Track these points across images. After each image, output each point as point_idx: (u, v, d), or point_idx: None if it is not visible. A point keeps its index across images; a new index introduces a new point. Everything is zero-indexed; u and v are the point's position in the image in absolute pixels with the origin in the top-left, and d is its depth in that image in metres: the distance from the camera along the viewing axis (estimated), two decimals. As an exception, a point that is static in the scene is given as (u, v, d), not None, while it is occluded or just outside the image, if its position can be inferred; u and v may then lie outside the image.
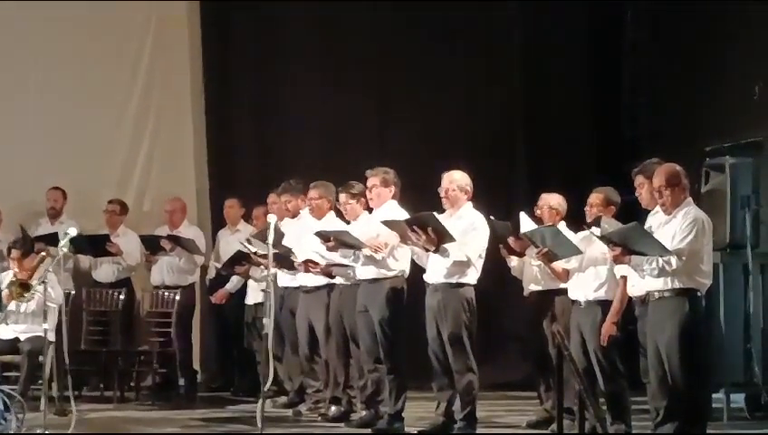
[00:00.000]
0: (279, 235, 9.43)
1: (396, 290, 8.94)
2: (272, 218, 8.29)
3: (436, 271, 8.62)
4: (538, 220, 9.06)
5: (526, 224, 8.91)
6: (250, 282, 10.98)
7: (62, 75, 12.04)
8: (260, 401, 7.95)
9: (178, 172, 12.42)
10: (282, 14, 12.39)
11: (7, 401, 8.82)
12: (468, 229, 8.55)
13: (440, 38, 12.37)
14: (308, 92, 12.30)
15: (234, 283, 11.41)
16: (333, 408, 9.62)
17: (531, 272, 9.15)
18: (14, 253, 9.84)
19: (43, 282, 8.36)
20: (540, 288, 9.11)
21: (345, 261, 9.17)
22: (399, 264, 8.97)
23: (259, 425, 7.76)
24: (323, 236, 9.10)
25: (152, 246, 11.41)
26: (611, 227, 7.73)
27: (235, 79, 12.51)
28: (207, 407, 10.69)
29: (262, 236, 9.35)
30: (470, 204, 8.71)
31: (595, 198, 8.54)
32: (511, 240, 8.95)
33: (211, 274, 11.82)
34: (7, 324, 9.81)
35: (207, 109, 12.46)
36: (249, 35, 12.51)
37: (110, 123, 12.28)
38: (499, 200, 10.17)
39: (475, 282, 8.61)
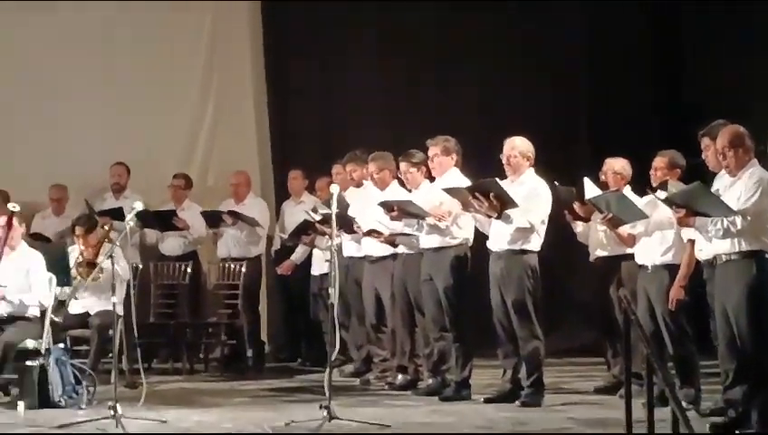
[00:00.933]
0: (343, 204, 9.46)
1: (460, 258, 8.93)
2: (335, 188, 8.31)
3: (499, 238, 8.60)
4: (603, 185, 9.01)
5: (591, 189, 8.86)
6: (315, 252, 11.02)
7: (125, 53, 12.15)
8: (327, 370, 7.98)
9: (242, 145, 12.49)
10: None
11: (78, 374, 8.96)
12: (531, 195, 8.51)
13: (498, 6, 12.27)
14: (369, 63, 12.29)
15: (299, 254, 11.46)
16: (400, 376, 9.64)
17: (597, 237, 9.11)
18: (78, 229, 9.94)
19: (110, 256, 8.43)
20: (606, 254, 9.07)
21: (408, 230, 9.17)
22: (463, 232, 8.96)
23: (327, 394, 7.80)
24: (387, 206, 9.10)
25: (214, 221, 11.49)
26: (678, 190, 7.65)
27: (295, 49, 12.51)
28: (275, 377, 10.75)
29: (327, 205, 9.38)
30: (532, 170, 8.67)
31: (660, 161, 8.47)
32: (576, 206, 8.90)
33: (276, 245, 11.88)
34: (77, 299, 9.93)
35: (269, 81, 12.50)
36: (307, 8, 12.49)
37: (173, 97, 12.38)
38: (563, 166, 10.09)
39: (539, 248, 8.58)
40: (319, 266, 10.92)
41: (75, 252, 9.86)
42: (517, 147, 8.65)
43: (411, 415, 8.28)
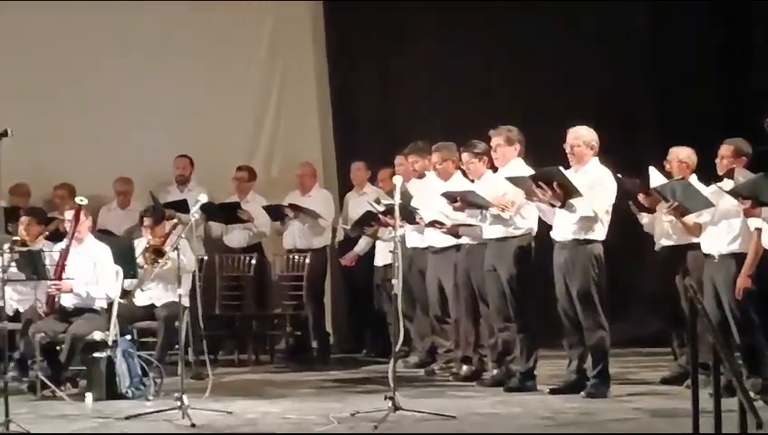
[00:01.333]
0: (406, 195, 9.46)
1: (523, 248, 8.89)
2: (398, 179, 8.29)
3: (563, 227, 8.55)
4: (668, 175, 8.93)
5: (656, 178, 8.79)
6: (378, 243, 11.04)
7: (189, 47, 12.22)
8: (391, 361, 7.98)
9: (305, 136, 12.52)
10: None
11: (145, 366, 9.05)
12: (595, 184, 8.45)
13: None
14: (430, 54, 12.25)
15: (362, 245, 11.47)
16: (465, 367, 9.63)
17: (662, 227, 9.03)
18: (147, 220, 10.05)
19: (176, 248, 8.50)
20: (672, 243, 8.99)
21: (471, 221, 9.15)
22: (526, 221, 8.92)
23: (391, 385, 7.80)
24: (450, 197, 9.09)
25: (277, 214, 11.54)
26: (745, 178, 7.56)
27: (358, 42, 12.52)
28: (340, 368, 10.79)
29: (389, 196, 9.39)
30: (596, 159, 8.60)
31: (725, 149, 8.38)
32: (641, 196, 8.83)
33: (340, 236, 11.90)
34: (143, 291, 10.02)
35: (332, 73, 12.52)
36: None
37: (236, 90, 12.43)
38: (627, 156, 10.02)
39: (603, 238, 8.52)
40: (382, 257, 10.94)
41: (142, 244, 9.96)
42: (581, 136, 8.59)
43: (476, 406, 8.26)
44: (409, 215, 9.51)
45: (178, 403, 7.84)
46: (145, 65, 12.14)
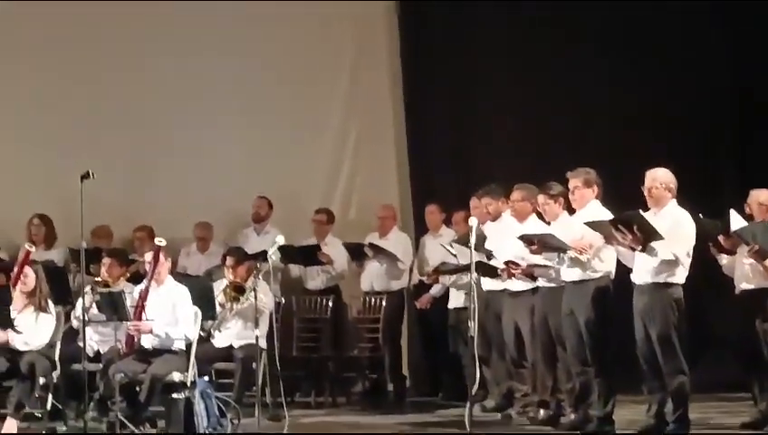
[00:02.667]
0: (481, 238, 9.44)
1: (602, 291, 8.82)
2: (473, 222, 8.30)
3: (643, 271, 8.46)
4: (748, 218, 8.82)
5: (737, 221, 8.69)
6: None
7: (268, 91, 12.33)
8: (468, 405, 7.94)
9: (382, 179, 12.57)
10: (475, 20, 12.37)
11: (223, 407, 9.10)
12: (674, 227, 8.37)
13: (640, 31, 12.12)
14: (505, 97, 12.24)
15: (438, 288, 11.44)
16: (542, 411, 9.55)
17: (742, 270, 8.92)
18: (230, 260, 10.15)
19: (254, 289, 8.56)
20: (752, 286, 8.88)
21: (547, 263, 9.11)
22: (605, 264, 8.85)
23: (468, 429, 7.76)
24: (527, 240, 9.06)
25: (357, 254, 11.58)
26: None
27: (434, 86, 12.57)
28: (417, 412, 10.77)
29: (463, 240, 9.37)
30: (674, 201, 8.53)
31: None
32: (721, 238, 8.74)
33: (415, 279, 11.90)
34: (220, 332, 10.10)
35: (408, 116, 12.57)
36: (444, 42, 12.54)
37: (314, 133, 12.53)
38: (707, 198, 9.92)
39: (684, 281, 8.43)
40: (455, 300, 10.90)
41: (221, 286, 10.05)
42: (659, 178, 8.53)
43: (553, 450, 8.21)
44: (487, 267, 9.47)
45: (256, 445, 7.88)
46: (224, 109, 12.29)
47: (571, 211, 9.12)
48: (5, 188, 12.10)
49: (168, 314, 9.41)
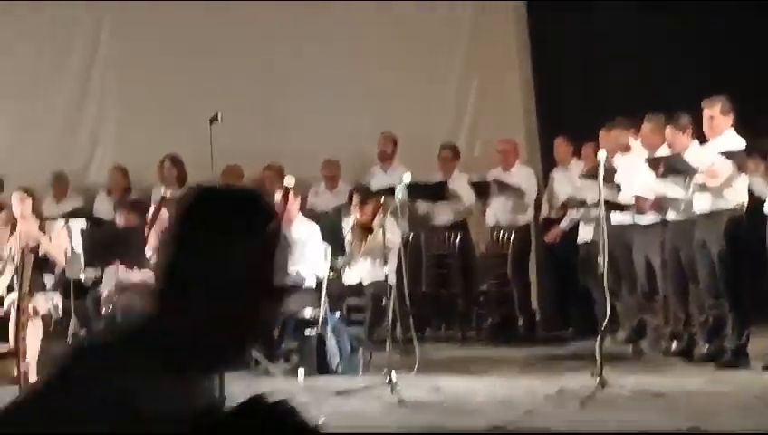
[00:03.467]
0: (610, 171, 9.34)
1: (735, 222, 8.67)
2: (602, 154, 8.20)
3: (777, 201, 8.30)
4: None
5: None
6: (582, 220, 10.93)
7: (392, 28, 12.32)
8: (598, 338, 7.91)
9: (508, 113, 12.46)
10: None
11: (354, 342, 9.21)
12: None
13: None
14: (632, 22, 11.99)
15: (567, 221, 11.38)
16: (674, 343, 9.47)
17: None
18: (356, 198, 10.22)
19: (382, 227, 8.61)
20: None
21: (677, 195, 8.97)
22: (738, 194, 8.69)
23: (598, 362, 7.74)
24: (654, 164, 8.93)
25: (481, 190, 11.56)
26: None
27: (560, 12, 12.37)
28: (546, 345, 10.75)
29: (592, 173, 9.28)
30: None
31: None
32: None
33: (543, 213, 11.83)
34: (350, 269, 10.20)
35: (533, 47, 12.43)
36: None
37: (439, 68, 12.49)
38: None
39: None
40: (585, 234, 10.82)
41: (350, 224, 10.13)
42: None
43: (686, 383, 8.12)
44: (613, 203, 9.36)
45: (387, 380, 7.96)
46: (349, 48, 12.33)
47: (702, 141, 8.95)
48: (137, 131, 12.38)
49: (299, 252, 9.55)
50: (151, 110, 12.34)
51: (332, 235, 9.90)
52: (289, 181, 9.63)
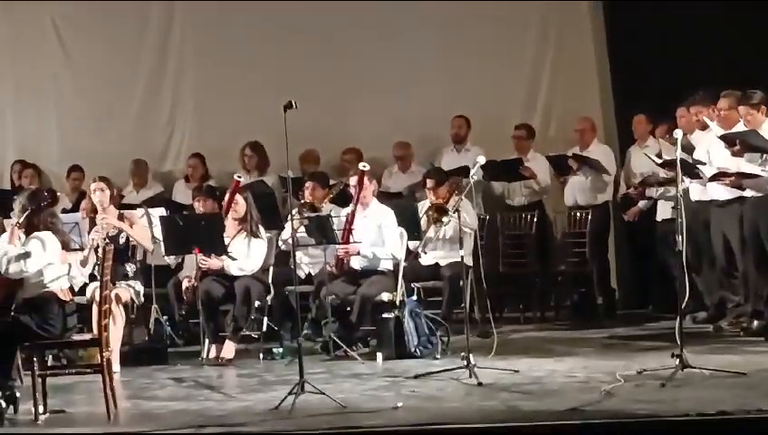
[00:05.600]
0: (688, 148, 9.25)
1: (815, 198, 8.55)
2: (678, 133, 8.12)
3: None
4: None
5: None
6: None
7: (465, 8, 12.27)
8: (678, 317, 7.85)
9: (582, 92, 12.32)
10: None
11: (432, 325, 9.24)
12: None
13: None
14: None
15: (645, 201, 11.28)
16: (755, 322, 9.35)
17: None
18: (430, 182, 10.23)
19: (457, 210, 8.61)
20: None
21: (755, 170, 8.85)
22: (820, 171, 8.56)
23: (678, 342, 7.68)
24: (728, 140, 8.83)
25: (560, 167, 11.50)
26: None
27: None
28: (626, 325, 10.67)
29: (671, 150, 9.19)
30: None
31: None
32: None
33: (621, 191, 11.74)
34: (425, 253, 10.22)
35: (609, 24, 12.30)
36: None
37: (512, 47, 12.40)
38: None
39: None
40: (663, 211, 10.72)
41: (425, 207, 10.15)
42: None
43: (766, 362, 8.03)
44: (690, 169, 9.28)
45: (465, 362, 7.98)
46: (422, 28, 12.31)
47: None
48: (215, 118, 12.50)
49: (375, 236, 9.60)
50: (227, 96, 12.44)
51: (408, 218, 9.92)
52: (363, 167, 9.68)
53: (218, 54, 12.51)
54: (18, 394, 7.26)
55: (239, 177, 10.10)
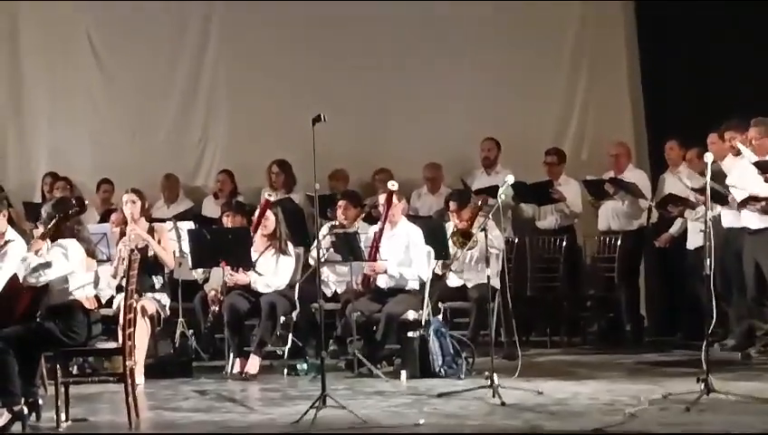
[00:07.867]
0: (719, 174, 9.18)
1: None
2: (708, 157, 8.07)
3: None
4: None
5: None
6: (690, 225, 10.71)
7: (495, 32, 12.29)
8: (704, 343, 7.79)
9: (615, 117, 12.31)
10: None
11: (457, 345, 9.20)
12: None
13: None
14: (742, 27, 11.76)
15: (677, 226, 11.19)
16: (784, 350, 9.29)
17: None
18: (452, 205, 10.20)
19: (483, 229, 8.58)
20: None
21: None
22: None
23: (704, 367, 7.62)
24: (762, 167, 8.76)
25: (596, 190, 11.44)
26: None
27: (667, 18, 12.19)
28: (653, 351, 10.59)
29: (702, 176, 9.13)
30: None
31: None
32: None
33: (654, 217, 11.67)
34: (453, 272, 10.19)
35: (641, 51, 12.27)
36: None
37: (544, 72, 12.40)
38: None
39: None
40: (694, 240, 10.64)
41: (450, 227, 10.12)
42: None
43: (795, 390, 7.96)
44: (720, 195, 9.22)
45: (489, 382, 7.94)
46: (452, 51, 12.33)
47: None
48: (248, 135, 12.55)
49: (402, 255, 9.59)
50: (259, 112, 12.49)
51: (435, 238, 9.90)
52: (392, 186, 9.68)
53: (252, 72, 12.58)
54: (41, 402, 7.28)
55: (270, 195, 10.12)
